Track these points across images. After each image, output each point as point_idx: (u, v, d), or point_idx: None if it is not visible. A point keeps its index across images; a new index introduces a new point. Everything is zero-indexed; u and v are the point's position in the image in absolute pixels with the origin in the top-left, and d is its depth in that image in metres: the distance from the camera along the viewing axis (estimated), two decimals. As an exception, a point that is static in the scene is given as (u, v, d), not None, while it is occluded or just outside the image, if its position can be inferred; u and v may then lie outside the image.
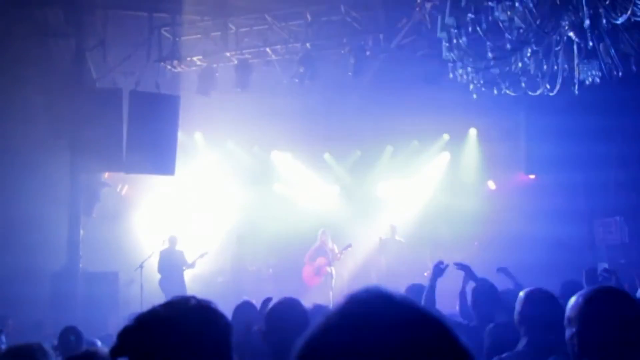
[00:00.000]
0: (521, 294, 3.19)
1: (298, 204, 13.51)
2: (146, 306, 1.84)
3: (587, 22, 4.51)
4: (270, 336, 2.68)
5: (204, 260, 11.30)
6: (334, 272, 12.03)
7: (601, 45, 5.45)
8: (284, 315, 2.72)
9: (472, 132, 13.39)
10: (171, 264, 10.73)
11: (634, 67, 5.74)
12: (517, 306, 3.12)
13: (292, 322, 2.66)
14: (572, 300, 2.22)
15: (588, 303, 2.14)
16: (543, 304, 3.09)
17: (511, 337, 3.43)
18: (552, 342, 2.96)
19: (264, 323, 2.76)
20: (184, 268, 10.78)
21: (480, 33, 4.94)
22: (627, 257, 10.60)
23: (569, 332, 2.18)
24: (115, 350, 1.50)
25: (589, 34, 4.70)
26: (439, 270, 5.08)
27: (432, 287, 4.90)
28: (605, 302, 2.15)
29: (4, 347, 4.70)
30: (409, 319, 0.87)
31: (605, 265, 10.74)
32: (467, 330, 4.32)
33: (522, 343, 3.02)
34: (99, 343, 4.83)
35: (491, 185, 13.43)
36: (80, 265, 9.78)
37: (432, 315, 0.90)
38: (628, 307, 2.12)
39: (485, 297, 4.32)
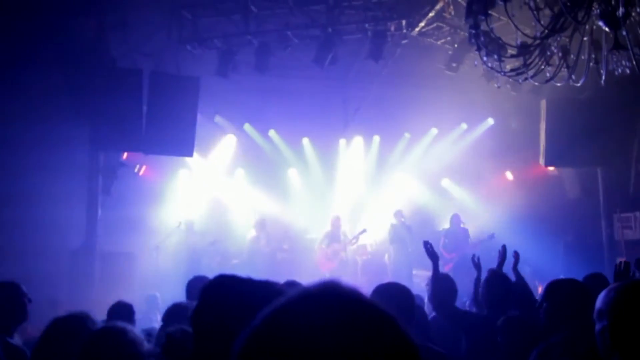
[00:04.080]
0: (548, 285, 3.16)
1: (313, 188, 13.52)
2: (162, 286, 1.86)
3: (621, 9, 4.40)
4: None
5: (221, 243, 11.39)
6: (347, 257, 12.08)
7: (631, 36, 5.34)
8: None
9: (490, 121, 13.29)
10: (190, 247, 10.83)
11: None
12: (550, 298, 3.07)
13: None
14: (603, 293, 2.18)
15: (621, 296, 2.10)
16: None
17: (526, 329, 3.39)
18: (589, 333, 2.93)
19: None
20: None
21: (511, 21, 4.85)
22: (646, 253, 10.48)
23: (599, 325, 2.14)
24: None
25: (620, 24, 4.59)
26: (429, 251, 4.65)
27: (436, 272, 4.58)
28: (638, 295, 2.11)
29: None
30: (356, 320, 0.82)
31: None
32: (480, 319, 4.28)
33: (558, 336, 2.99)
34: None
35: (509, 176, 13.34)
36: (98, 245, 9.86)
37: (386, 315, 0.85)
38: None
39: (499, 287, 4.26)
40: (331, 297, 0.85)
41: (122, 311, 4.54)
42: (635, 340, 2.02)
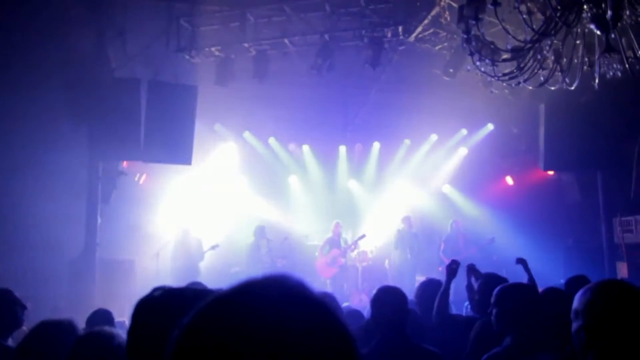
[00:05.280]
0: (496, 290, 3.21)
1: (314, 195, 13.54)
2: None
3: (609, 13, 4.41)
4: None
5: (219, 251, 11.38)
6: (348, 264, 12.07)
7: (624, 39, 5.35)
8: None
9: (490, 127, 13.31)
10: (186, 253, 10.80)
11: (657, 62, 5.61)
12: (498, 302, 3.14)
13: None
14: (580, 293, 2.19)
15: (596, 296, 2.11)
16: (521, 299, 3.12)
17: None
18: (537, 338, 2.97)
19: None
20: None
21: (501, 24, 4.87)
22: (646, 256, 10.43)
23: (575, 325, 2.15)
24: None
25: (611, 27, 4.60)
26: (451, 270, 4.88)
27: (447, 289, 4.73)
28: (614, 295, 2.11)
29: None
30: (300, 324, 0.81)
31: (625, 265, 10.59)
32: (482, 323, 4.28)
33: (508, 340, 3.02)
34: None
35: (509, 180, 13.32)
36: (98, 253, 9.89)
37: (335, 320, 0.84)
38: (636, 301, 2.08)
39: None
40: (273, 288, 0.85)
41: (101, 319, 4.50)
42: (609, 339, 2.03)
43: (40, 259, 8.87)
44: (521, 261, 5.48)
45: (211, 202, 12.76)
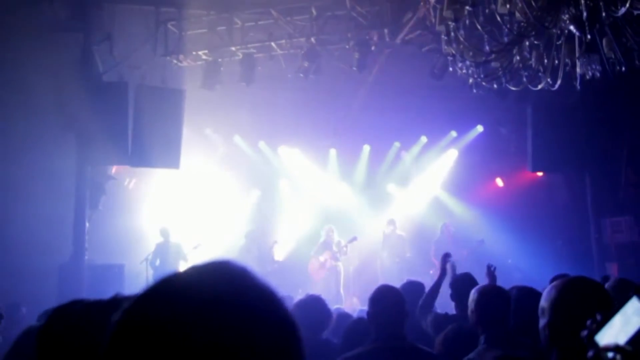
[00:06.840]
0: (473, 291, 3.24)
1: (305, 199, 13.53)
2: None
3: (584, 14, 4.44)
4: None
5: (210, 255, 11.33)
6: (340, 267, 12.06)
7: (604, 40, 5.38)
8: None
9: (479, 128, 13.34)
10: (166, 257, 10.72)
11: (637, 62, 5.66)
12: (471, 304, 3.17)
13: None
14: (546, 290, 2.21)
15: (560, 293, 2.13)
16: (495, 301, 3.14)
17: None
18: (505, 336, 2.99)
19: None
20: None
21: (478, 26, 4.89)
22: (636, 256, 10.48)
23: (542, 322, 2.17)
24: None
25: (588, 27, 4.63)
26: (444, 269, 4.98)
27: (438, 284, 4.79)
28: (577, 292, 2.13)
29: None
30: (239, 308, 0.80)
31: (615, 265, 10.63)
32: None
33: (481, 340, 3.05)
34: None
35: (499, 182, 13.36)
36: (87, 258, 9.85)
37: (276, 307, 0.85)
38: (600, 298, 2.10)
39: (466, 290, 4.30)
40: (218, 271, 0.86)
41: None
42: (571, 336, 2.04)
43: (28, 264, 8.83)
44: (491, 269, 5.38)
45: (201, 206, 12.73)
